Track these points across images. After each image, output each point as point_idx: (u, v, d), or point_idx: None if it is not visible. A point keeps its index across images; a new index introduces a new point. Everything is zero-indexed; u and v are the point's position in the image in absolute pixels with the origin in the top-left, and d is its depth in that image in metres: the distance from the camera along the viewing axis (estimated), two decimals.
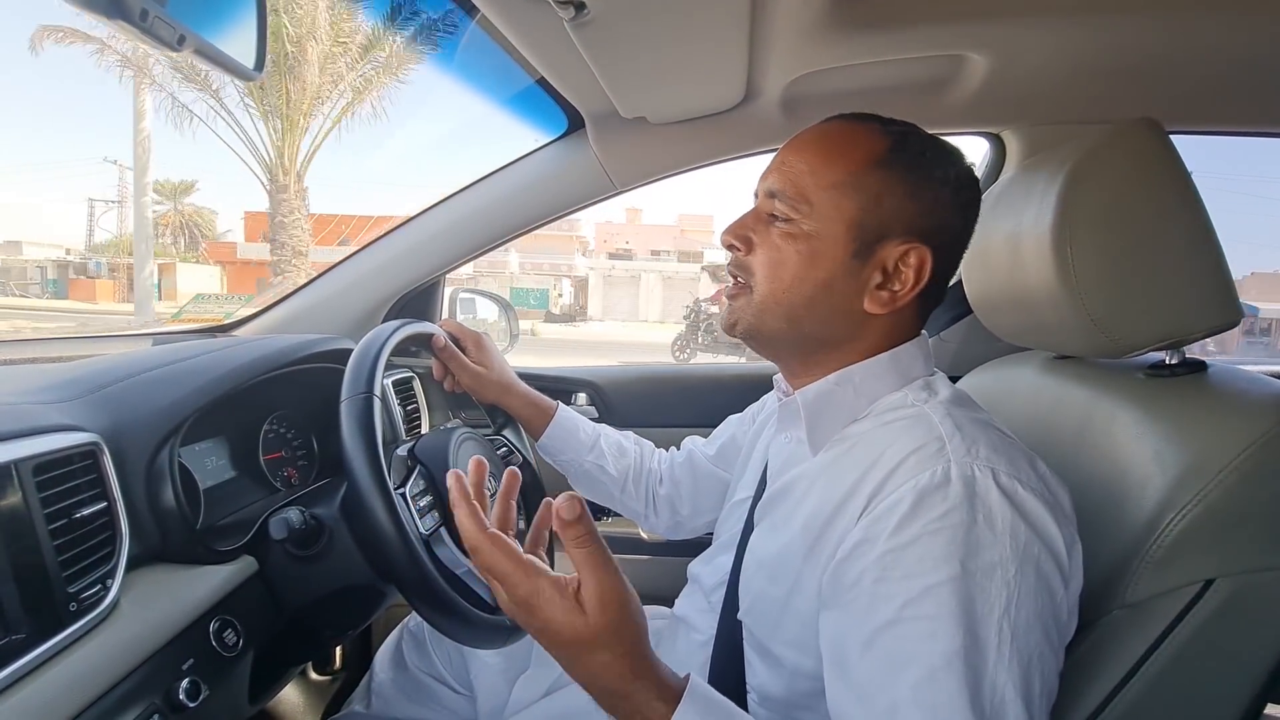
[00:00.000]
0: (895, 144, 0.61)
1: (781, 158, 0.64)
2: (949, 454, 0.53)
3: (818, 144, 0.63)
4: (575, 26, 0.76)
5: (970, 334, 1.27)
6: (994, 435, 0.56)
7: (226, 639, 0.66)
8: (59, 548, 0.54)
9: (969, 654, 0.48)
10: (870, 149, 0.61)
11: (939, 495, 0.52)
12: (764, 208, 0.64)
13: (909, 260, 0.61)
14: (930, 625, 0.49)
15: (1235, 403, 0.62)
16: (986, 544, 0.50)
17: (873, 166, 0.60)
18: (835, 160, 0.61)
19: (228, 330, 1.30)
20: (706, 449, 0.98)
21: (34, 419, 0.58)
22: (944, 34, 0.92)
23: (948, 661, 0.48)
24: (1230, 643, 0.57)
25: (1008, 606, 0.49)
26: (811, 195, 0.61)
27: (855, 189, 0.60)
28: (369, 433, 0.68)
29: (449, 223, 1.27)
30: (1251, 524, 0.56)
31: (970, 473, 0.52)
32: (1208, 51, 0.93)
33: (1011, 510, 0.51)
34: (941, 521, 0.51)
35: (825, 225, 0.61)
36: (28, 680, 0.50)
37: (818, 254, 0.61)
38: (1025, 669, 0.49)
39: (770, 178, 0.64)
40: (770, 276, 0.62)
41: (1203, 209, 0.64)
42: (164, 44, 0.40)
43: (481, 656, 0.94)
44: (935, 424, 0.56)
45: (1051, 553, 0.52)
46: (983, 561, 0.50)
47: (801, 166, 0.62)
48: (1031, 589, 0.50)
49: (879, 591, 0.52)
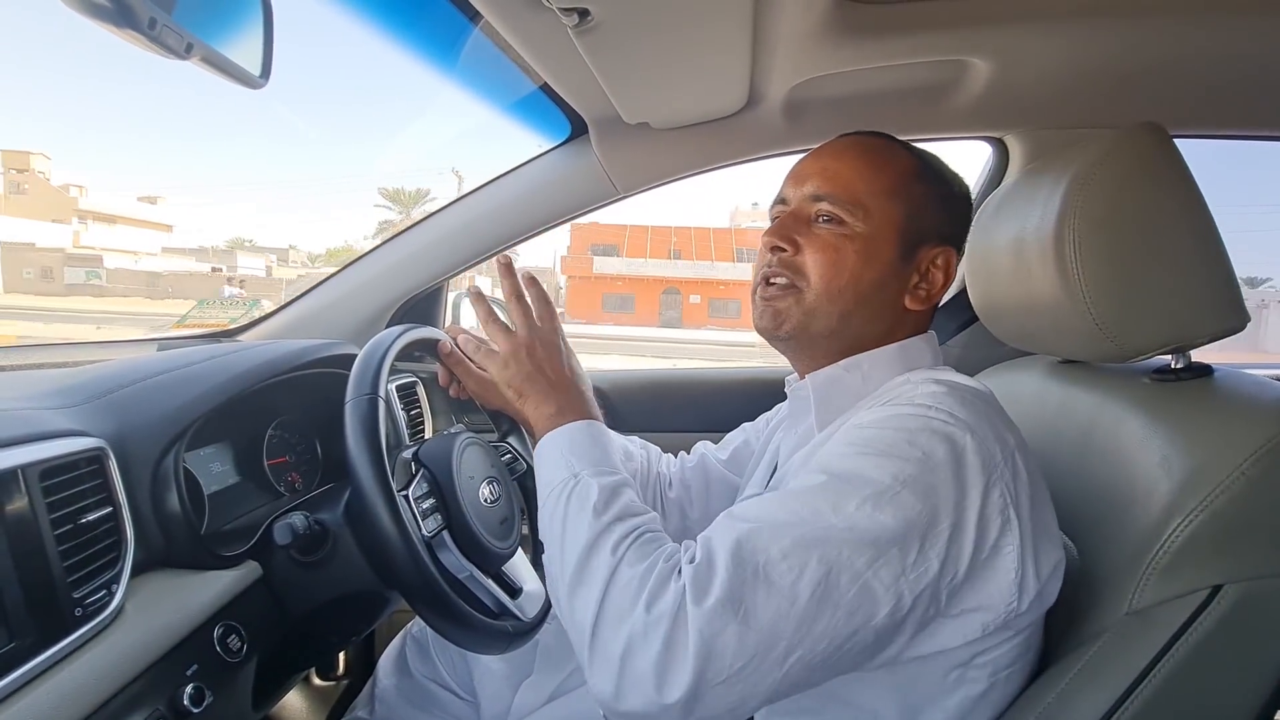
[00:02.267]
0: (922, 161, 0.69)
1: (821, 164, 0.68)
2: (913, 398, 0.58)
3: (864, 154, 0.67)
4: (579, 33, 0.76)
5: (975, 340, 1.26)
6: (977, 402, 0.58)
7: (231, 645, 0.66)
8: (64, 553, 0.54)
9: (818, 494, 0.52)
10: (906, 162, 0.68)
11: (883, 414, 0.57)
12: (806, 210, 0.67)
13: (939, 262, 0.67)
14: (806, 477, 0.54)
15: (1242, 407, 0.61)
16: (901, 448, 0.53)
17: (914, 178, 0.67)
18: (881, 168, 0.66)
19: (232, 335, 1.31)
20: (719, 453, 0.98)
21: (40, 424, 0.58)
22: (947, 39, 0.92)
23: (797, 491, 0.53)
24: (1238, 650, 0.56)
25: (883, 491, 0.50)
26: (865, 199, 0.65)
27: (904, 196, 0.66)
28: (372, 434, 0.68)
29: (453, 228, 1.27)
30: (1259, 530, 0.56)
31: (924, 410, 0.55)
32: (1212, 55, 0.93)
33: (940, 440, 0.53)
34: (872, 423, 0.56)
35: (878, 228, 0.65)
36: (33, 686, 0.50)
37: (872, 255, 0.65)
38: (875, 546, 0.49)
39: (812, 182, 0.67)
40: (826, 276, 0.65)
41: (1207, 213, 0.64)
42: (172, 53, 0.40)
43: (485, 662, 0.94)
44: (917, 387, 0.60)
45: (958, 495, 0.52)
46: (889, 452, 0.53)
47: (850, 173, 0.66)
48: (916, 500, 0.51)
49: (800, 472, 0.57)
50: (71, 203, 36.55)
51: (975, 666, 0.57)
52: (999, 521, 0.53)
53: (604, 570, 0.52)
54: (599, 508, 0.57)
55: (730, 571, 0.48)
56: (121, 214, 38.71)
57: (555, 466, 0.62)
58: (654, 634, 0.47)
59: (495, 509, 0.80)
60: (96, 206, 37.23)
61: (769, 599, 0.48)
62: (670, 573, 0.50)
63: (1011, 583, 0.53)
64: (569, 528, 0.57)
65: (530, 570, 0.90)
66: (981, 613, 0.54)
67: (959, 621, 0.54)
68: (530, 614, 0.79)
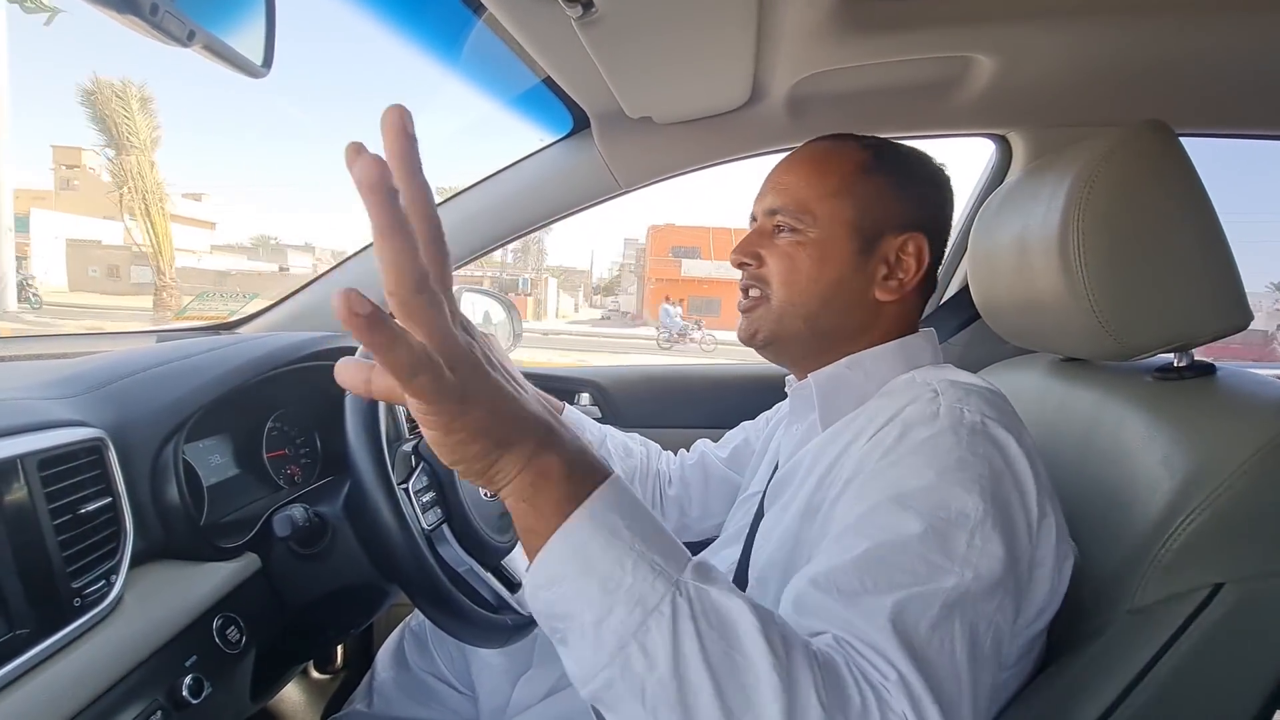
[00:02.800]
0: (875, 153, 0.69)
1: (774, 181, 0.71)
2: (940, 400, 0.57)
3: (807, 162, 0.70)
4: (582, 25, 0.76)
5: (977, 338, 1.26)
6: (996, 399, 0.58)
7: (230, 636, 0.66)
8: (63, 543, 0.54)
9: (927, 543, 0.47)
10: (855, 159, 0.68)
11: (925, 425, 0.55)
12: (766, 225, 0.70)
13: (908, 249, 0.67)
14: (894, 519, 0.49)
15: (1244, 406, 0.61)
16: (968, 463, 0.51)
17: (861, 174, 0.67)
18: (827, 173, 0.68)
19: (232, 328, 1.30)
20: (719, 451, 0.98)
21: (40, 414, 0.58)
22: (951, 35, 0.92)
23: (902, 544, 0.47)
24: (1239, 648, 0.56)
25: (983, 519, 0.48)
26: (812, 205, 0.67)
27: (850, 194, 0.67)
28: (373, 427, 0.68)
29: (453, 221, 1.27)
30: (1261, 529, 0.56)
31: (959, 412, 0.55)
32: (1217, 53, 0.93)
33: (993, 445, 0.53)
34: (925, 443, 0.53)
35: (829, 229, 0.67)
36: (32, 675, 0.50)
37: (826, 255, 0.67)
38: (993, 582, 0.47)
39: (767, 198, 0.70)
40: (787, 281, 0.67)
41: (1212, 211, 0.64)
42: (174, 39, 0.40)
43: (483, 656, 0.94)
44: (932, 384, 0.60)
45: (1023, 502, 0.52)
46: (962, 475, 0.50)
47: (797, 182, 0.68)
48: (1004, 517, 0.50)
49: (853, 501, 0.53)
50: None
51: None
52: (1039, 517, 0.53)
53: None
54: (769, 636, 0.38)
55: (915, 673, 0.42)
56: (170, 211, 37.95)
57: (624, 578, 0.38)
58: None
59: (495, 503, 0.80)
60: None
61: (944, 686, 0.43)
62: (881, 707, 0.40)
63: (1045, 581, 0.55)
64: (726, 672, 0.37)
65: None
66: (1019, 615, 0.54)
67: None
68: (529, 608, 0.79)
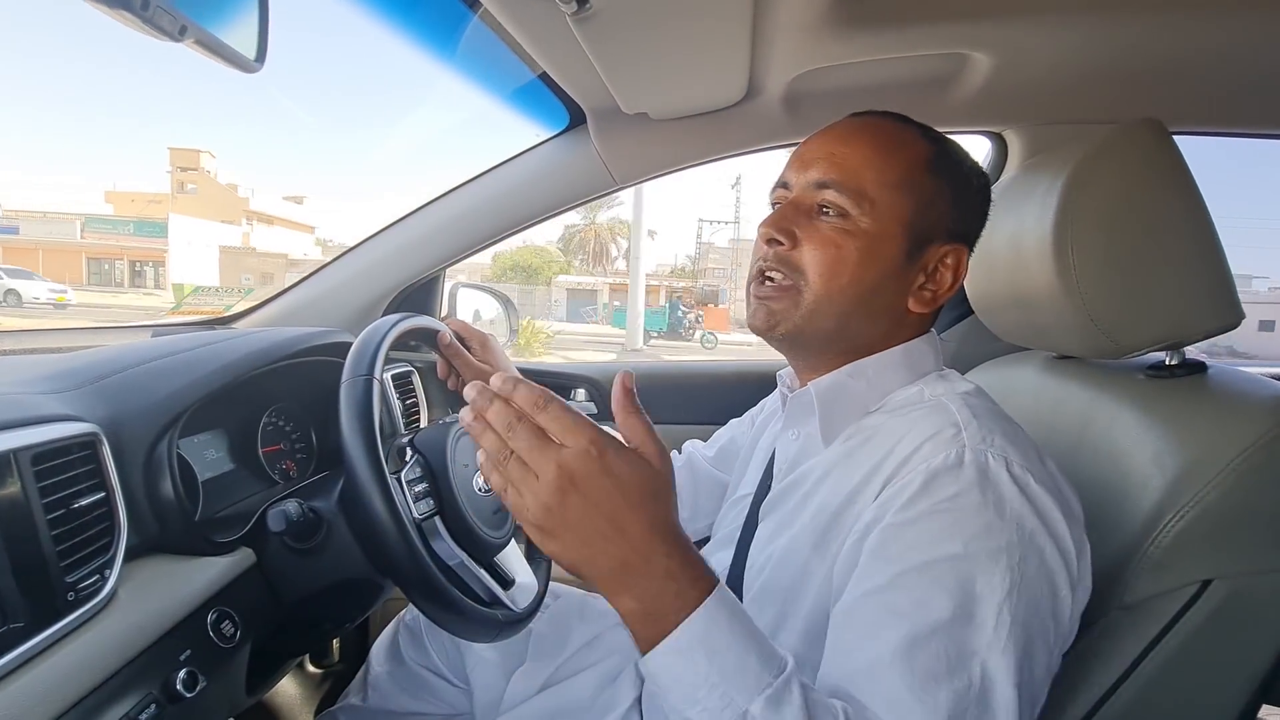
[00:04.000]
0: (939, 150, 0.62)
1: (828, 149, 0.62)
2: (964, 439, 0.54)
3: (870, 138, 0.61)
4: (578, 21, 0.76)
5: (970, 333, 1.26)
6: (1009, 426, 0.57)
7: (224, 630, 0.66)
8: (57, 537, 0.54)
9: (957, 628, 0.47)
10: (920, 150, 0.62)
11: (950, 477, 0.52)
12: (809, 199, 0.62)
13: (948, 261, 0.62)
14: (923, 595, 0.49)
15: (1235, 404, 0.62)
16: (995, 529, 0.50)
17: (925, 169, 0.61)
18: (891, 156, 0.60)
19: (227, 323, 1.30)
20: (705, 451, 0.98)
21: (33, 409, 0.58)
22: (947, 32, 0.92)
23: (933, 629, 0.47)
24: (1227, 644, 0.57)
25: (1009, 592, 0.48)
26: (872, 191, 0.59)
27: (911, 190, 0.60)
28: (366, 415, 0.68)
29: (449, 217, 1.27)
30: (1249, 526, 0.57)
31: (984, 459, 0.52)
32: (1212, 52, 0.93)
33: (1022, 499, 0.51)
34: (950, 502, 0.51)
35: (883, 224, 0.60)
36: (25, 669, 0.50)
37: (875, 253, 0.60)
38: (1021, 656, 0.48)
39: (817, 168, 0.61)
40: (826, 275, 0.60)
41: (1205, 210, 0.64)
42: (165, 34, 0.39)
43: (478, 650, 0.94)
44: (952, 411, 0.57)
45: (1059, 549, 0.51)
46: (989, 545, 0.49)
47: (858, 160, 0.60)
48: (1033, 580, 0.50)
49: (876, 560, 0.52)
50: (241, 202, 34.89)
51: None
52: (1075, 549, 0.53)
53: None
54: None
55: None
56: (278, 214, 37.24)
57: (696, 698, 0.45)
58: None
59: (489, 498, 0.80)
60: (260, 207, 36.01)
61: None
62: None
63: (1082, 602, 0.54)
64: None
65: (523, 563, 0.90)
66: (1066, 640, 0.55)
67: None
68: (522, 605, 0.80)
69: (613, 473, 0.45)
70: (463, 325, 0.98)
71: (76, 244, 28.16)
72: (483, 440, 0.46)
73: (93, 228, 28.92)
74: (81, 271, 26.38)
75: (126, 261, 27.87)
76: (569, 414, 0.45)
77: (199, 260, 26.13)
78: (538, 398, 0.46)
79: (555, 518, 0.45)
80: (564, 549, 0.46)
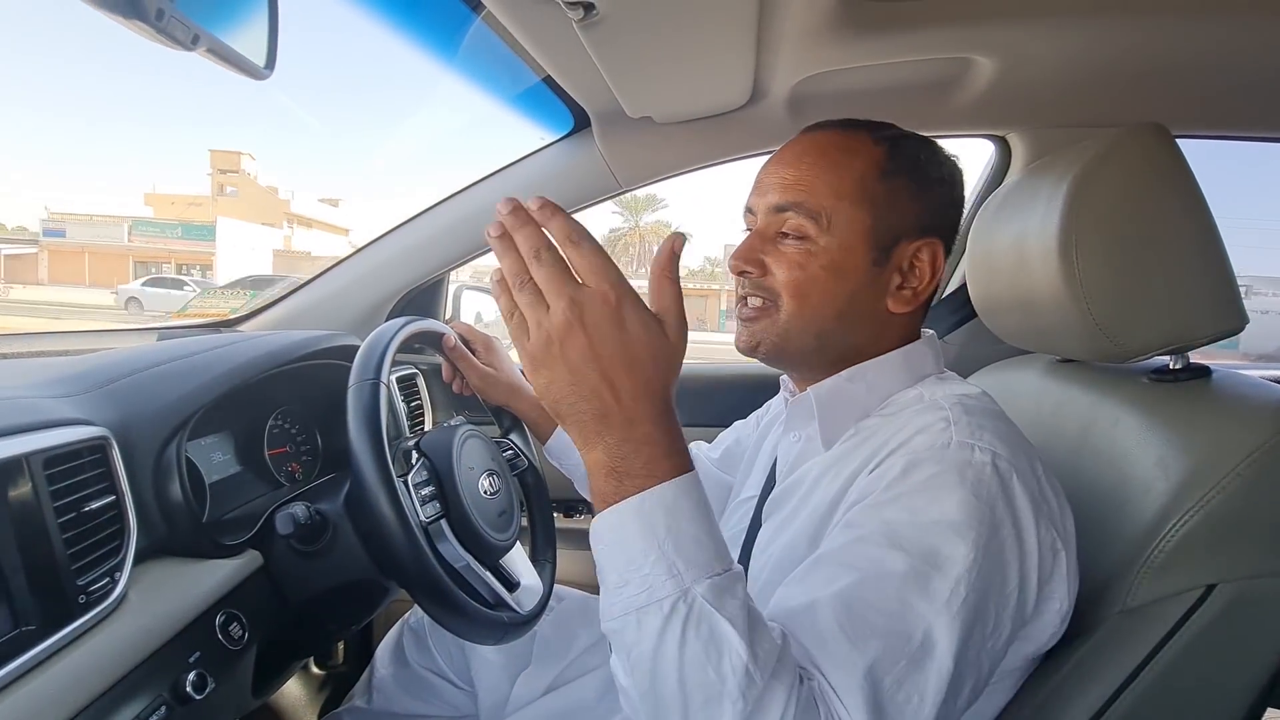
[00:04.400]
0: (891, 150, 0.63)
1: (780, 172, 0.63)
2: (952, 433, 0.55)
3: (817, 155, 0.62)
4: (584, 26, 0.76)
5: (973, 336, 1.27)
6: (1003, 426, 0.57)
7: (232, 632, 0.67)
8: (68, 540, 0.55)
9: (909, 588, 0.48)
10: (868, 156, 0.62)
11: (931, 460, 0.53)
12: (771, 225, 0.63)
13: (922, 256, 0.63)
14: (881, 554, 0.49)
15: (1239, 409, 0.62)
16: (968, 507, 0.50)
17: (877, 174, 0.62)
18: (840, 170, 0.61)
19: (233, 326, 1.31)
20: (710, 453, 0.98)
21: (44, 413, 0.58)
22: (951, 36, 0.92)
23: (881, 581, 0.48)
24: (1230, 648, 0.57)
25: (971, 567, 0.48)
26: (828, 209, 0.61)
27: (866, 199, 0.61)
28: (374, 418, 0.69)
29: (453, 220, 1.27)
30: (1253, 530, 0.57)
31: (969, 450, 0.53)
32: (1215, 56, 0.93)
33: (1000, 488, 0.52)
34: (927, 482, 0.52)
35: (844, 238, 0.61)
36: (37, 672, 0.50)
37: (841, 268, 0.61)
38: (967, 632, 0.48)
39: (771, 194, 0.63)
40: (797, 297, 0.61)
41: (1209, 214, 0.64)
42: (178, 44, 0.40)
43: (482, 652, 0.95)
44: (945, 409, 0.57)
45: (1021, 546, 0.51)
46: (958, 518, 0.50)
47: (809, 180, 0.61)
48: (995, 565, 0.50)
49: (846, 529, 0.53)
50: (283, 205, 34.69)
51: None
52: (1050, 557, 0.53)
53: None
54: (750, 668, 0.42)
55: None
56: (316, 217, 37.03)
57: (642, 563, 0.44)
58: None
59: (494, 501, 0.80)
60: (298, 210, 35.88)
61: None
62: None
63: (1057, 613, 0.55)
64: (695, 681, 0.42)
65: (528, 565, 0.90)
66: (1025, 643, 0.55)
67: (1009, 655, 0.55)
68: (527, 607, 0.80)
69: (624, 325, 0.45)
70: (467, 328, 0.98)
71: (124, 247, 28.33)
72: (503, 260, 0.46)
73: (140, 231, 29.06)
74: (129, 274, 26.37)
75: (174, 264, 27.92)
76: (600, 255, 0.45)
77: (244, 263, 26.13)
78: (571, 231, 0.45)
79: (553, 353, 0.45)
80: (550, 385, 0.46)
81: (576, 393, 0.45)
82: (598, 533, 0.47)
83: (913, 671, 0.46)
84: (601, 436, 0.46)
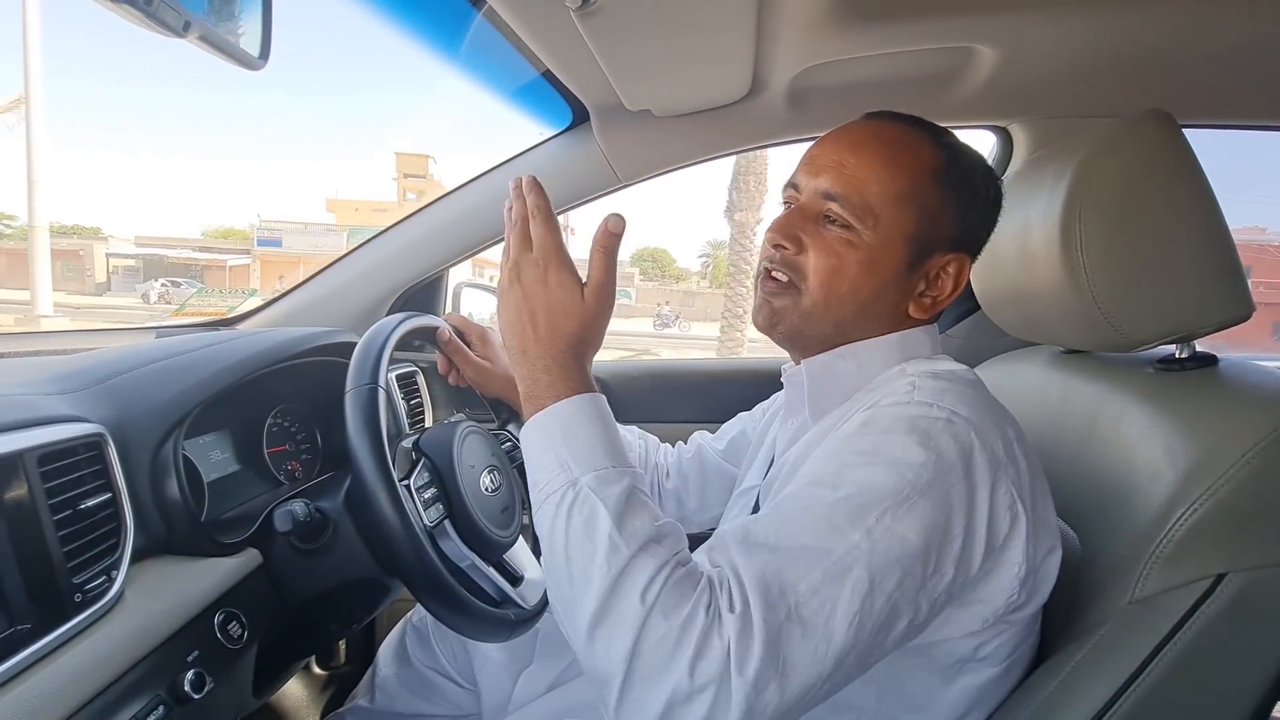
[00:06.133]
0: (949, 158, 0.62)
1: (837, 157, 0.62)
2: (914, 395, 0.56)
3: (878, 149, 0.62)
4: (582, 17, 0.75)
5: (977, 329, 1.26)
6: (970, 392, 0.57)
7: (231, 631, 0.66)
8: (64, 538, 0.54)
9: (837, 508, 0.49)
10: (928, 161, 0.62)
11: (888, 416, 0.54)
12: (815, 207, 0.62)
13: (950, 269, 0.64)
14: (823, 490, 0.51)
15: (1246, 397, 0.61)
16: (912, 452, 0.51)
17: (932, 181, 0.61)
18: (898, 170, 0.61)
19: (231, 324, 1.30)
20: (716, 444, 0.97)
21: (39, 410, 0.57)
22: (952, 26, 0.91)
23: (814, 501, 0.51)
24: (1241, 638, 0.56)
25: (901, 501, 0.49)
26: (876, 206, 0.60)
27: (916, 203, 0.61)
28: (373, 424, 0.68)
29: (452, 217, 1.27)
30: (1262, 519, 0.56)
31: (926, 408, 0.54)
32: (1219, 44, 0.92)
33: (953, 441, 0.52)
34: (879, 431, 0.54)
35: (886, 237, 0.61)
36: (33, 671, 0.49)
37: (876, 265, 0.61)
38: (893, 560, 0.48)
39: (825, 177, 0.62)
40: (826, 284, 0.62)
41: (1214, 202, 0.63)
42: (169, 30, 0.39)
43: (485, 651, 0.94)
44: (912, 376, 0.59)
45: (969, 499, 0.51)
46: (898, 458, 0.51)
47: (864, 173, 0.61)
48: (932, 509, 0.49)
49: (801, 476, 0.55)
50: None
51: (975, 659, 0.57)
52: (1008, 518, 0.52)
53: (633, 618, 0.46)
54: (614, 537, 0.49)
55: (765, 621, 0.45)
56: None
57: (546, 464, 0.54)
58: (698, 701, 0.45)
59: (496, 497, 0.80)
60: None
61: (805, 644, 0.46)
62: (710, 628, 0.45)
63: (1015, 577, 0.53)
64: (576, 554, 0.50)
65: (531, 558, 0.90)
66: (982, 606, 0.54)
67: (961, 613, 0.54)
68: (532, 602, 0.80)
69: (547, 284, 0.57)
70: (462, 320, 0.98)
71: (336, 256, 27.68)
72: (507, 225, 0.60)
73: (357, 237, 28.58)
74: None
75: None
76: (544, 229, 0.58)
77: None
78: (535, 208, 0.58)
79: (504, 298, 0.59)
80: (502, 321, 0.60)
81: (511, 330, 0.59)
82: (523, 442, 0.57)
83: (828, 583, 0.47)
84: (519, 368, 0.58)
